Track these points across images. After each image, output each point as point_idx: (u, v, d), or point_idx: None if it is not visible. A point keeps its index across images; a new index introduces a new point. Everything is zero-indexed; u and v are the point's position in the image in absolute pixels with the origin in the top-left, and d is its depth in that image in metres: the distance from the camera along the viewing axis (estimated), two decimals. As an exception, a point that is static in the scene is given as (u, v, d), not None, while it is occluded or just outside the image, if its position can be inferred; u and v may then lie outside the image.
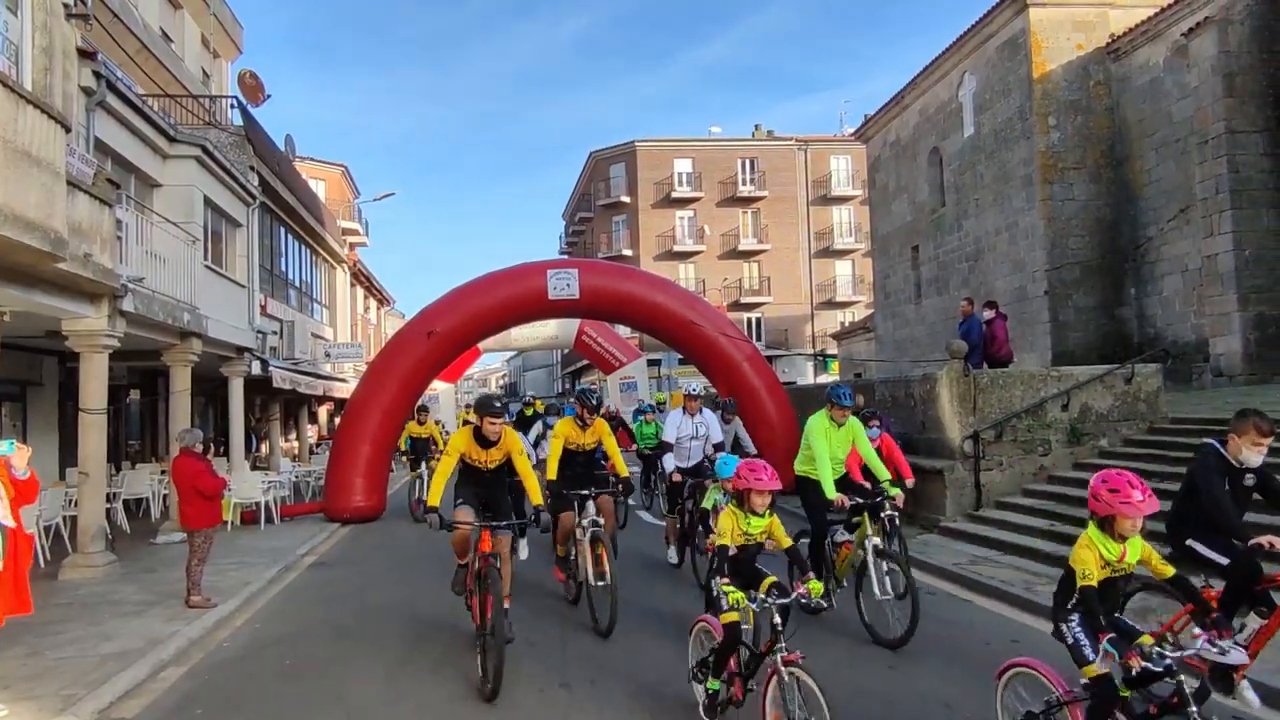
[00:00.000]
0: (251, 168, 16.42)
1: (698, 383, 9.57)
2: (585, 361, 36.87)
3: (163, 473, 13.94)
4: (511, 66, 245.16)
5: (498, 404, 6.32)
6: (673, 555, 9.23)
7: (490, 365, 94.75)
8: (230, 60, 23.96)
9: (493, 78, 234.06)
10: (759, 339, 41.71)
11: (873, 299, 31.48)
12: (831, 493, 6.67)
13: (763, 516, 4.65)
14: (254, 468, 17.12)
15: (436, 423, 15.55)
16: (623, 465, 7.77)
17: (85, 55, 9.82)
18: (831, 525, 7.27)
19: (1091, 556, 3.72)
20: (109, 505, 11.59)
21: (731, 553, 4.64)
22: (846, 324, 41.44)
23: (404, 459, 14.68)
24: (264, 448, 21.34)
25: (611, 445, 7.93)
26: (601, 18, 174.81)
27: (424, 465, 13.84)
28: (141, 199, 12.26)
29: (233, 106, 18.39)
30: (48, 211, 7.46)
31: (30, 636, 6.67)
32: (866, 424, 8.02)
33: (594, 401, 7.85)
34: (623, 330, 29.06)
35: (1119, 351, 16.76)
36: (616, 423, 14.80)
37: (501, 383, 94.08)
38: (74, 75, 9.51)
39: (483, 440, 6.25)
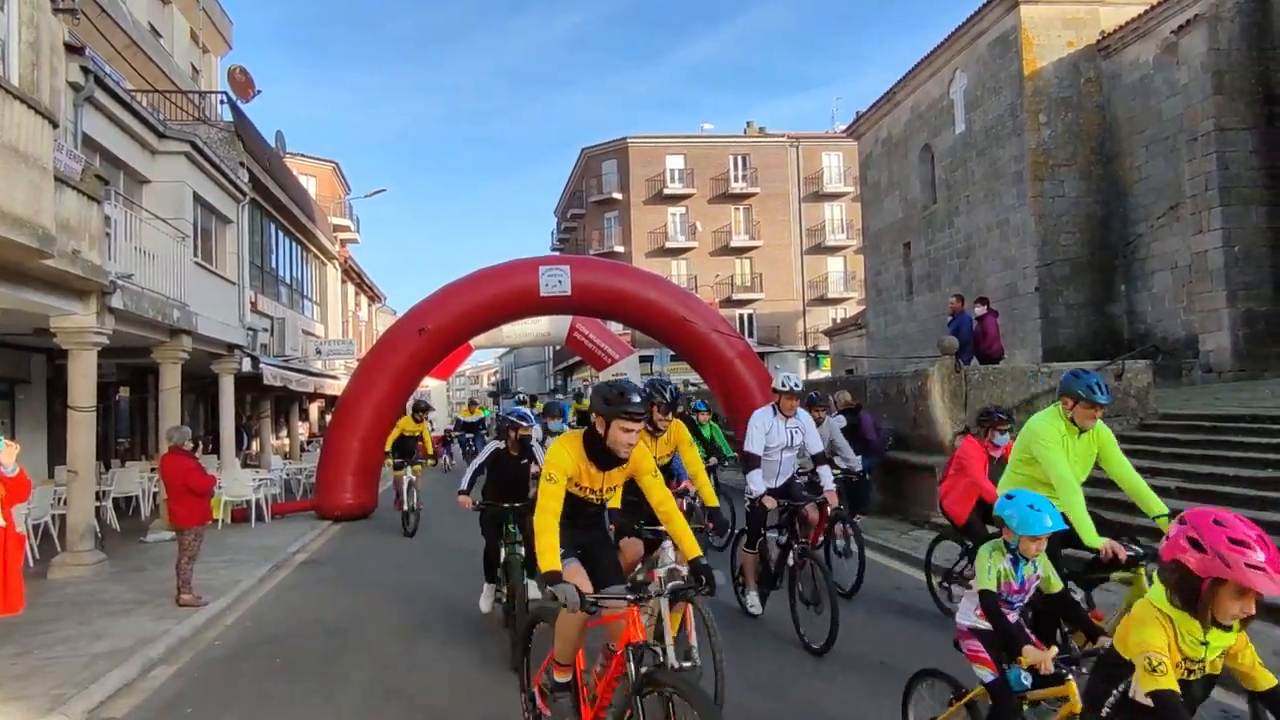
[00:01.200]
0: (241, 164, 16.33)
1: (793, 375, 7.07)
2: (578, 358, 36.85)
3: (152, 470, 13.86)
4: (505, 64, 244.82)
5: (639, 396, 3.86)
6: (753, 603, 6.91)
7: (482, 362, 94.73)
8: (220, 55, 23.81)
9: (487, 75, 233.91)
10: (751, 335, 41.73)
11: (864, 295, 31.55)
12: (1095, 538, 4.22)
13: (1230, 629, 2.47)
14: (245, 465, 17.04)
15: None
16: (710, 490, 5.89)
17: (73, 50, 9.75)
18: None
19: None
20: (98, 503, 11.52)
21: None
22: (838, 320, 41.54)
23: (388, 459, 13.35)
24: (255, 445, 21.26)
25: (693, 460, 6.04)
26: (595, 15, 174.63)
27: (408, 468, 12.61)
28: (130, 195, 12.19)
29: (222, 102, 18.30)
30: (35, 208, 7.41)
31: (19, 636, 6.63)
32: (992, 430, 6.56)
33: (669, 396, 5.75)
34: (615, 327, 29.03)
35: (1109, 348, 16.83)
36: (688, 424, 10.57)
37: (493, 379, 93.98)
38: (61, 70, 9.43)
39: (603, 457, 3.93)
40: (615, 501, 4.79)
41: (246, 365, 15.50)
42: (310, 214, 23.57)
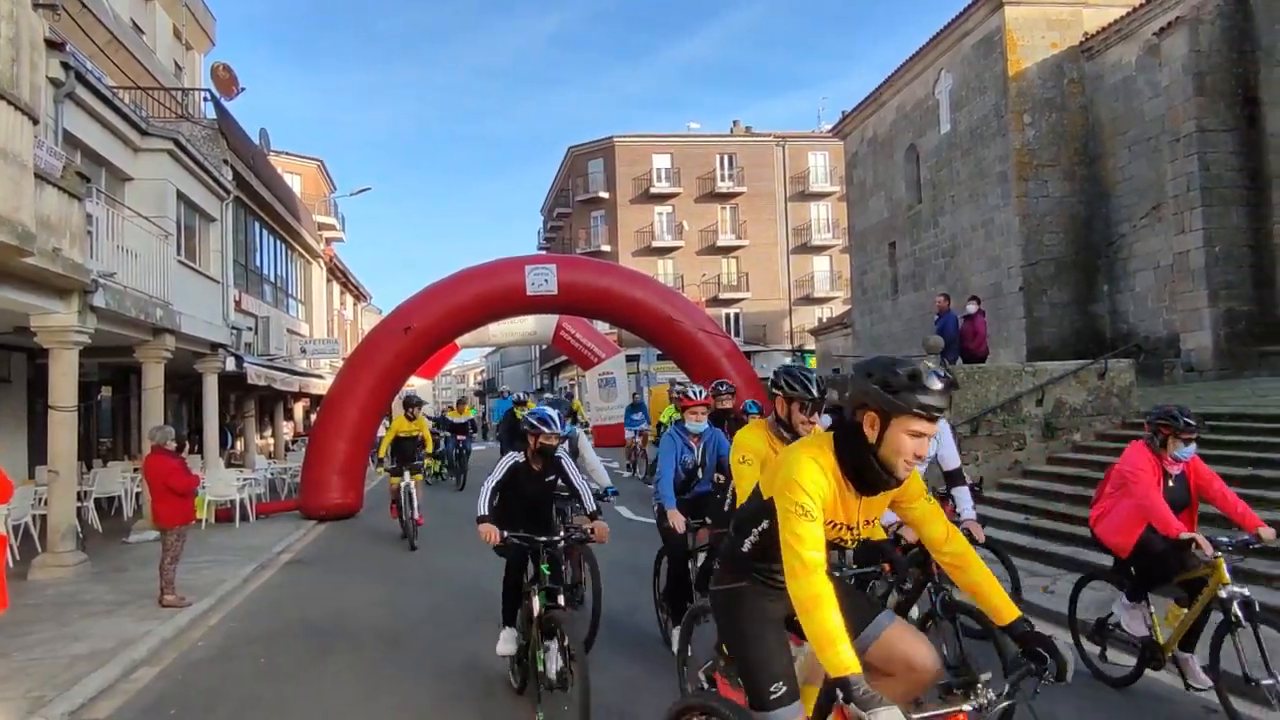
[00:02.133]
0: (225, 161, 16.20)
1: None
2: (564, 357, 36.80)
3: (135, 470, 13.74)
4: (497, 62, 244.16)
5: (940, 381, 2.45)
6: None
7: (469, 361, 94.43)
8: (203, 52, 23.64)
9: (478, 73, 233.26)
10: (737, 334, 41.82)
11: (850, 294, 31.67)
12: None
13: None
14: (229, 465, 16.92)
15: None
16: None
17: (53, 46, 9.63)
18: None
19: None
20: (80, 504, 11.40)
21: None
22: (824, 319, 41.69)
23: (382, 468, 12.13)
24: (239, 445, 21.12)
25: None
26: (585, 13, 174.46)
27: (407, 473, 11.36)
28: (112, 193, 12.07)
29: (206, 99, 18.17)
30: (15, 205, 7.33)
31: (-1, 637, 6.57)
32: (1173, 438, 4.81)
33: (817, 391, 4.02)
34: (601, 326, 29.02)
35: (1092, 347, 16.95)
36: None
37: (480, 378, 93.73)
38: (42, 66, 9.32)
39: (867, 475, 2.59)
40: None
41: (230, 364, 15.39)
42: (295, 212, 23.43)
